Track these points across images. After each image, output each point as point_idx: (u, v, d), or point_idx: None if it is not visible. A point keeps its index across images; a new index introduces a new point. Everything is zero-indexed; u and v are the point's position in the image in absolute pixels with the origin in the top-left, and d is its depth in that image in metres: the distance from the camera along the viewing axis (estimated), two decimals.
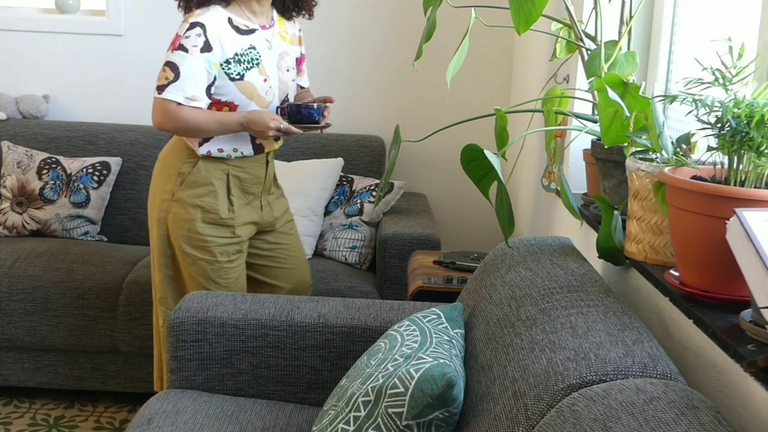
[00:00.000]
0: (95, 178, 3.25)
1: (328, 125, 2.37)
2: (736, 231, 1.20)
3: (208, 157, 2.35)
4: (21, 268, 2.87)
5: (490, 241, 3.62)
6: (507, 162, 2.62)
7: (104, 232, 3.32)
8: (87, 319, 2.84)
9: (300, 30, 2.53)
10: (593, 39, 1.97)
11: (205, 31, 2.23)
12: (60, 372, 2.91)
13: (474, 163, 1.64)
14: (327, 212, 3.24)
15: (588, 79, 1.87)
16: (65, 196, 3.21)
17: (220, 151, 2.36)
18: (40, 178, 3.21)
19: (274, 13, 2.44)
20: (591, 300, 1.50)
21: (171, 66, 2.22)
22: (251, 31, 2.33)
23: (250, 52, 2.30)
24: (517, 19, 1.73)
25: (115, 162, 3.31)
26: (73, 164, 3.26)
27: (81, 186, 3.23)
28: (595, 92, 1.78)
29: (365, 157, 3.45)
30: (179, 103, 2.22)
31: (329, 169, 3.27)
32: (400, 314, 2.06)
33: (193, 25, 2.24)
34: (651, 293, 1.63)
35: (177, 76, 2.21)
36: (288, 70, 2.46)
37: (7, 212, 3.19)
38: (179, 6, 2.38)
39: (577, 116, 2.02)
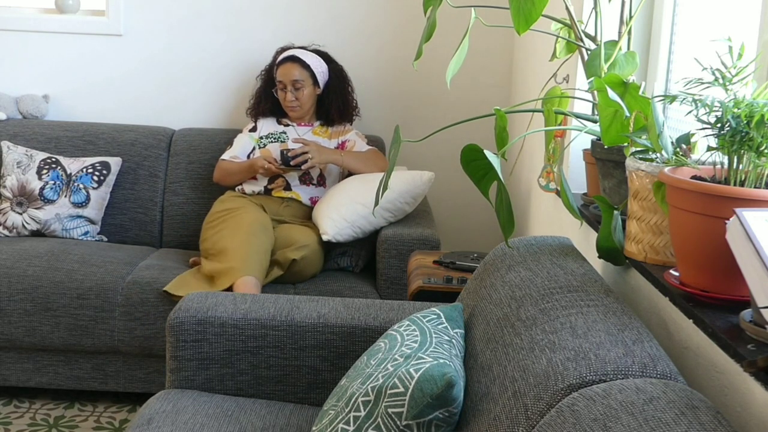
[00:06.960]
0: (95, 178, 3.25)
1: (299, 165, 3.11)
2: (736, 231, 1.20)
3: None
4: (21, 268, 2.87)
5: (490, 241, 3.62)
6: (507, 162, 2.61)
7: (104, 232, 3.32)
8: (87, 319, 2.84)
9: (348, 126, 3.34)
10: (593, 39, 1.97)
11: (256, 121, 3.36)
12: (60, 372, 2.91)
13: (474, 163, 1.64)
14: None
15: (588, 79, 1.87)
16: (65, 196, 3.21)
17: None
18: (40, 178, 3.21)
19: (315, 119, 3.35)
20: (591, 300, 1.50)
21: (232, 142, 3.35)
22: (288, 125, 3.34)
23: (281, 135, 3.30)
24: (517, 19, 1.72)
25: (115, 162, 3.31)
26: (73, 164, 3.26)
27: (81, 186, 3.23)
28: (595, 92, 1.78)
29: None
30: (224, 159, 3.28)
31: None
32: (400, 314, 2.06)
33: (252, 119, 3.39)
34: (651, 293, 1.63)
35: (231, 146, 3.32)
36: None
37: (7, 212, 3.19)
38: (249, 115, 3.42)
39: (577, 116, 2.02)
